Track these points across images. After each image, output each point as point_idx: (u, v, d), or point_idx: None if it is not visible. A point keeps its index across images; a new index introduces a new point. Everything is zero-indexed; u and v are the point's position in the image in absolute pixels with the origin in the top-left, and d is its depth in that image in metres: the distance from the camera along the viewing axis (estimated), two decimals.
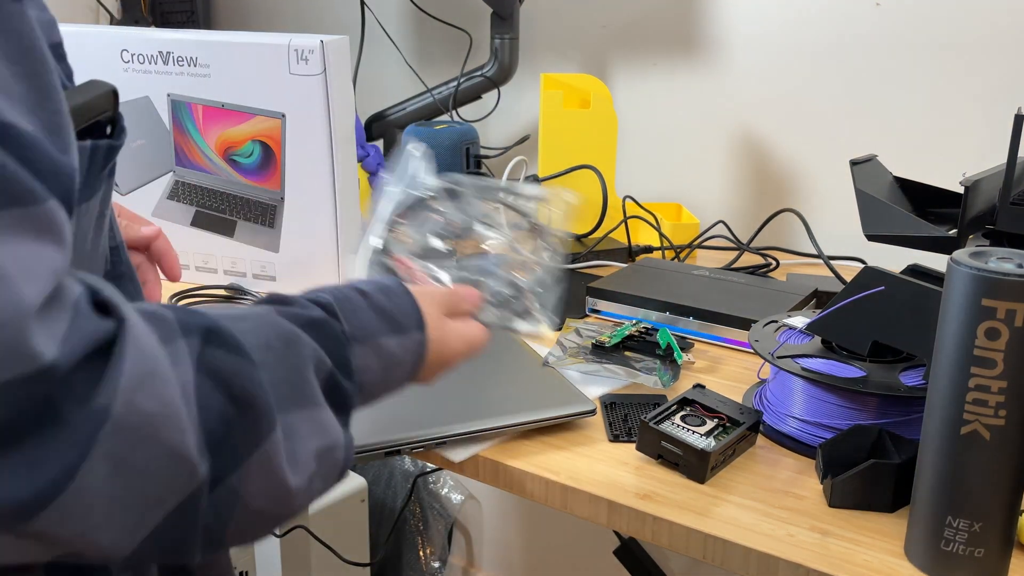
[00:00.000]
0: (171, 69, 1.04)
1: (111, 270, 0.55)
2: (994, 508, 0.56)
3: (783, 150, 1.34)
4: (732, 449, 0.71)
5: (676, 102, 1.41)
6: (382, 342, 0.55)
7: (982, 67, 1.17)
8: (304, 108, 1.00)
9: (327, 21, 1.73)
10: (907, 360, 0.73)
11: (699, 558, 0.64)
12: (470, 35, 1.53)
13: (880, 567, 0.60)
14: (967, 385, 0.54)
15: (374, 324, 0.55)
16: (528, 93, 1.53)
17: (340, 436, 0.50)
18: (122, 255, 0.57)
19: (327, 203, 1.03)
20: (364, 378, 0.54)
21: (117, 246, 0.56)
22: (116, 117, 0.50)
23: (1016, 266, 0.53)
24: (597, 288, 1.03)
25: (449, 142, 1.30)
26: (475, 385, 0.81)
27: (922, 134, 1.23)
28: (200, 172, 1.08)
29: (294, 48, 0.98)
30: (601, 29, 1.45)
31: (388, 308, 0.56)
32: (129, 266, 0.58)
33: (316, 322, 0.51)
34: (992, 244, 0.82)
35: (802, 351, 0.76)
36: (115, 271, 0.56)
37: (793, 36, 1.29)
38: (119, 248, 0.57)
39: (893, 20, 1.21)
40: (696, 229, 1.28)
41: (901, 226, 0.84)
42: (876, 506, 0.65)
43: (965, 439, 0.55)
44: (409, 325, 0.57)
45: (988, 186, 0.83)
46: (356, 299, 0.55)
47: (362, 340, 0.54)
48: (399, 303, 0.58)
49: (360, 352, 0.53)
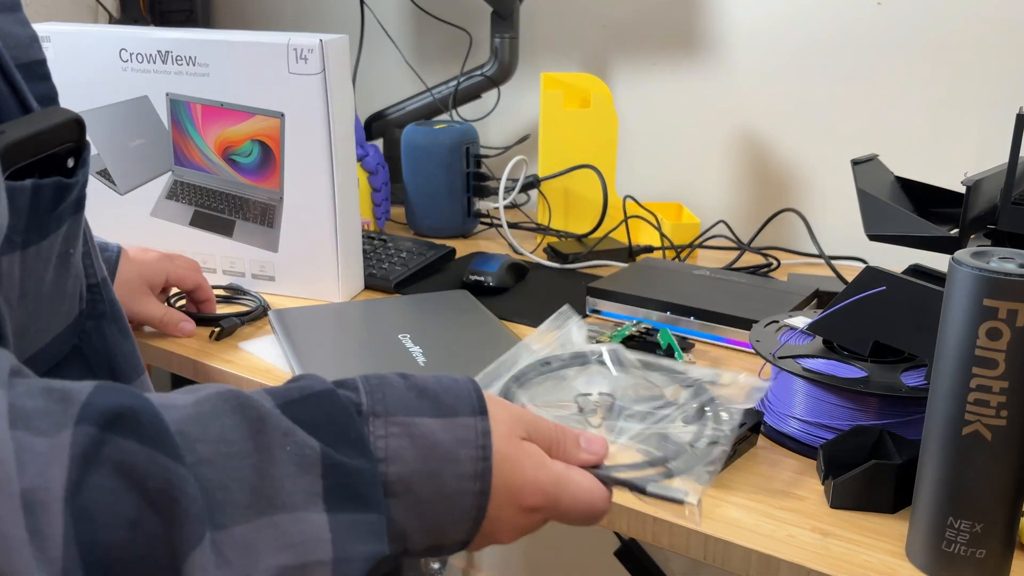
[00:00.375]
0: (170, 68, 1.04)
1: (89, 309, 0.51)
2: (995, 509, 0.56)
3: (784, 149, 1.33)
4: (733, 450, 0.71)
5: (676, 102, 1.41)
6: (416, 420, 0.41)
7: (982, 67, 1.17)
8: (303, 107, 1.00)
9: (327, 20, 1.72)
10: (908, 360, 0.73)
11: (700, 559, 0.64)
12: (470, 34, 1.53)
13: (881, 568, 0.60)
14: (968, 385, 0.54)
15: (408, 402, 0.42)
16: (528, 93, 1.53)
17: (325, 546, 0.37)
18: (103, 293, 0.52)
19: (326, 203, 1.03)
20: (394, 468, 0.40)
21: (98, 284, 0.52)
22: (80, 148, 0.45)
23: (1018, 266, 0.52)
24: (597, 288, 1.03)
25: (449, 142, 1.30)
26: None
27: (923, 134, 1.23)
28: (199, 172, 1.08)
29: (293, 47, 0.98)
30: (601, 29, 1.45)
31: (433, 388, 0.43)
32: (113, 304, 0.53)
33: (316, 395, 0.41)
34: (994, 244, 0.82)
35: (803, 351, 0.76)
36: (95, 310, 0.51)
37: (794, 36, 1.29)
38: (100, 286, 0.52)
39: (893, 20, 1.21)
40: (696, 229, 1.28)
41: (902, 226, 0.84)
42: (877, 507, 0.65)
43: (966, 439, 0.55)
44: (459, 409, 0.43)
45: (989, 186, 0.83)
46: (392, 377, 0.44)
47: (385, 414, 0.41)
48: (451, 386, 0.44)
49: (383, 429, 0.41)
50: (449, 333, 0.92)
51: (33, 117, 0.42)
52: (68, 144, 0.44)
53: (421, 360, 0.85)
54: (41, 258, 0.43)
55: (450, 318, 0.97)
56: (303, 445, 0.38)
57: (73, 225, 0.46)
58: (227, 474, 0.36)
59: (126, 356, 0.54)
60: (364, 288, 1.12)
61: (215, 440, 0.37)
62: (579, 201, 1.35)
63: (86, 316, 0.51)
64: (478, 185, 1.34)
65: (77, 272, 0.49)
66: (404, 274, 1.12)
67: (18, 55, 0.44)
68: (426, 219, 1.34)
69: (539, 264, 1.22)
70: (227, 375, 0.89)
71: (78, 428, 0.33)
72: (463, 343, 0.90)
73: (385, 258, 1.17)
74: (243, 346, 0.94)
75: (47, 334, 0.46)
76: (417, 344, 0.89)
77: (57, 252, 0.45)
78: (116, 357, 0.53)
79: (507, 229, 1.29)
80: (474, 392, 0.44)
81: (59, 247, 0.45)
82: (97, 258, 0.53)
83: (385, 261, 1.16)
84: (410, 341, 0.90)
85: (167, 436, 0.35)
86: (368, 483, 0.39)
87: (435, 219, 1.34)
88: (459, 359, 0.86)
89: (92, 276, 0.52)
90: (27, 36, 0.45)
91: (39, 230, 0.42)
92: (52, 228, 0.43)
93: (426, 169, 1.31)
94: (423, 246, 1.20)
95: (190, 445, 0.36)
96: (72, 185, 0.44)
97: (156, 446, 0.34)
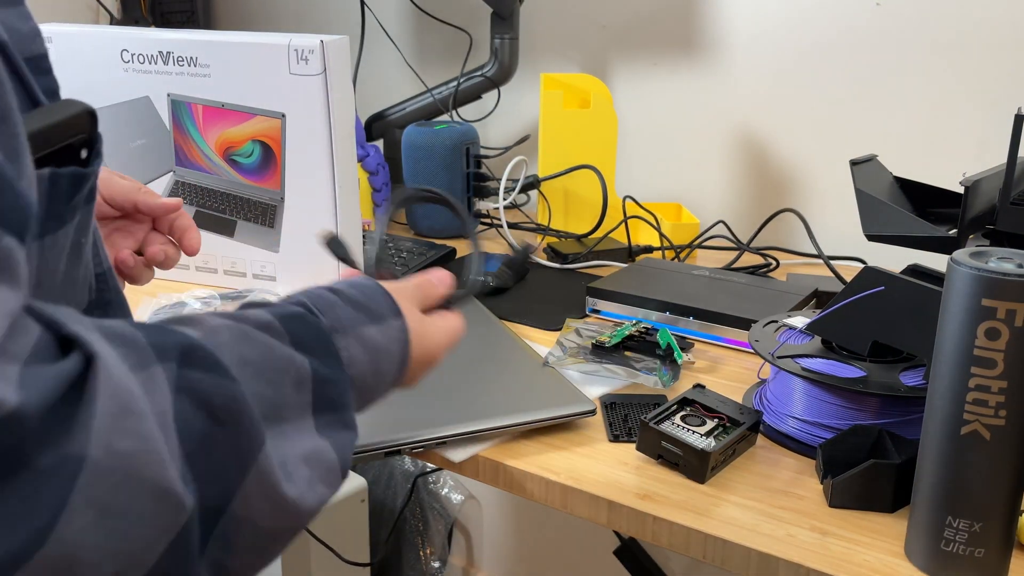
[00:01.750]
0: (171, 69, 1.04)
1: (97, 298, 0.53)
2: (994, 508, 0.56)
3: (783, 150, 1.34)
4: (732, 449, 0.71)
5: (676, 102, 1.41)
6: (363, 331, 0.54)
7: (982, 67, 1.17)
8: (304, 108, 1.00)
9: (327, 21, 1.73)
10: (907, 360, 0.73)
11: (699, 558, 0.64)
12: (470, 35, 1.53)
13: (880, 567, 0.60)
14: (967, 385, 0.54)
15: (352, 315, 0.54)
16: (528, 93, 1.53)
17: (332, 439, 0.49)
18: (109, 282, 0.54)
19: (327, 203, 1.03)
20: (354, 371, 0.52)
21: (104, 272, 0.54)
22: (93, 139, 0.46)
23: (1016, 266, 0.53)
24: (597, 288, 1.03)
25: (449, 142, 1.31)
26: (475, 385, 0.81)
27: (922, 134, 1.23)
28: (200, 172, 1.08)
29: (294, 48, 0.98)
30: (601, 29, 1.45)
31: (362, 300, 0.55)
32: (118, 292, 0.56)
33: (295, 316, 0.50)
34: (992, 244, 0.82)
35: (802, 351, 0.76)
36: (102, 298, 0.54)
37: (793, 36, 1.29)
38: (106, 275, 0.54)
39: (893, 20, 1.21)
40: (696, 229, 1.28)
41: (901, 226, 0.84)
42: (876, 506, 0.65)
43: (965, 439, 0.55)
44: (385, 314, 0.56)
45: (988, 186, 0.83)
46: (328, 296, 0.54)
47: (343, 331, 0.52)
48: (371, 295, 0.57)
49: (344, 343, 0.52)
50: None
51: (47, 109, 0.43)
52: (81, 136, 0.45)
53: None
54: (57, 247, 0.44)
55: None
56: (300, 368, 0.48)
57: (85, 215, 0.47)
58: (253, 390, 0.44)
59: None
60: None
61: (240, 363, 0.44)
62: (579, 201, 1.35)
63: (95, 305, 0.52)
64: (478, 185, 1.34)
65: (87, 262, 0.50)
66: (404, 274, 1.12)
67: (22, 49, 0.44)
68: (426, 219, 1.34)
69: (539, 264, 1.22)
70: None
71: (165, 365, 0.39)
72: (463, 343, 0.90)
73: (385, 258, 1.17)
74: None
75: None
76: None
77: (71, 242, 0.46)
78: None
79: (507, 229, 1.30)
80: (386, 296, 0.57)
81: (72, 237, 0.46)
82: (102, 247, 0.54)
83: (385, 261, 1.16)
84: None
85: (220, 363, 0.42)
86: (342, 388, 0.50)
87: (435, 219, 1.34)
88: (459, 359, 0.86)
89: (99, 265, 0.53)
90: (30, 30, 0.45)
91: (56, 219, 0.44)
92: (67, 218, 0.45)
93: (426, 169, 1.31)
94: (423, 246, 1.21)
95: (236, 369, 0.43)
96: (88, 175, 0.45)
97: (219, 373, 0.42)
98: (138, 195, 0.77)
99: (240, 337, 0.46)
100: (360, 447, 0.71)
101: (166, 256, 0.77)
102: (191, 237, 0.79)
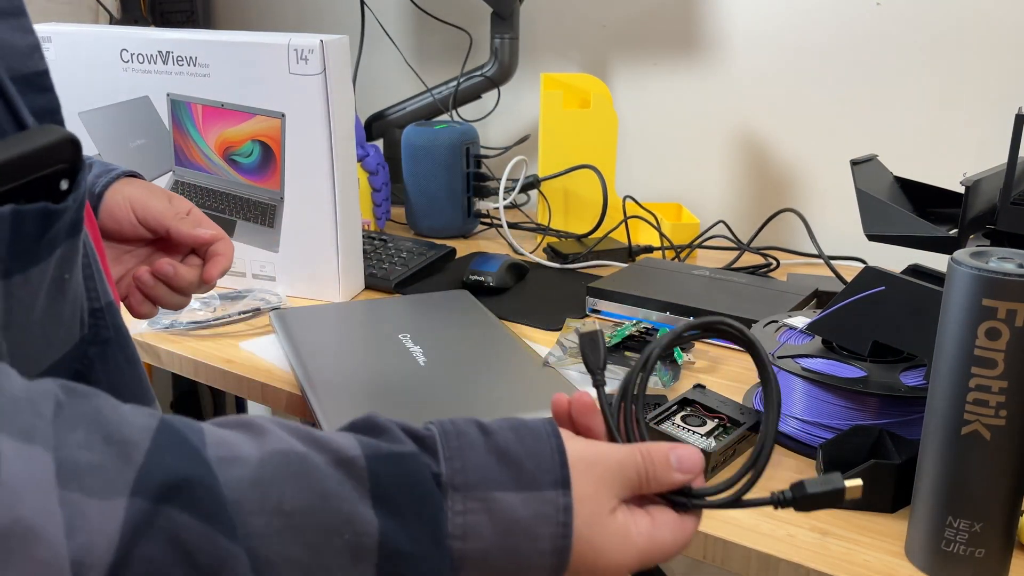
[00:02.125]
0: (171, 69, 1.04)
1: (91, 334, 0.48)
2: (995, 508, 0.56)
3: (783, 150, 1.34)
4: (732, 449, 0.71)
5: (676, 102, 1.41)
6: (497, 496, 0.40)
7: (982, 67, 1.17)
8: (304, 108, 1.00)
9: (327, 21, 1.73)
10: (907, 360, 0.73)
11: (699, 558, 0.64)
12: (470, 35, 1.53)
13: (880, 567, 0.60)
14: (968, 385, 0.54)
15: (491, 469, 0.40)
16: (528, 93, 1.53)
17: None
18: (108, 318, 0.49)
19: (327, 203, 1.03)
20: (468, 547, 0.39)
21: (101, 308, 0.49)
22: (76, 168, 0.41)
23: (1017, 266, 0.53)
24: (597, 288, 1.03)
25: (449, 142, 1.30)
26: (475, 385, 0.81)
27: (922, 134, 1.23)
28: (200, 172, 1.08)
29: (294, 48, 0.98)
30: (601, 29, 1.45)
31: (516, 452, 0.41)
32: (119, 330, 0.50)
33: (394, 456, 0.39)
34: (993, 244, 0.82)
35: (802, 351, 0.76)
36: (99, 336, 0.48)
37: (793, 36, 1.29)
38: (104, 310, 0.49)
39: (893, 20, 1.21)
40: (696, 229, 1.28)
41: (902, 226, 0.84)
42: (876, 506, 0.65)
43: (966, 439, 0.55)
44: (542, 480, 0.41)
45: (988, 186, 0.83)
46: (471, 434, 0.41)
47: (466, 489, 0.39)
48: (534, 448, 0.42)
49: (462, 505, 0.39)
50: (449, 333, 0.92)
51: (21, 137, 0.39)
52: (60, 166, 0.40)
53: (421, 360, 0.85)
54: (30, 286, 0.40)
55: (450, 318, 0.97)
56: (362, 533, 0.37)
57: (68, 249, 0.42)
58: (278, 552, 0.35)
59: (131, 386, 0.50)
60: (364, 288, 1.12)
61: (271, 511, 0.36)
62: (579, 201, 1.35)
63: (88, 342, 0.47)
64: (478, 185, 1.34)
65: (76, 296, 0.46)
66: (404, 274, 1.12)
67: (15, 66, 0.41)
68: (426, 219, 1.34)
69: (539, 264, 1.22)
70: (227, 375, 0.89)
71: (133, 500, 0.32)
72: (463, 343, 0.90)
73: (385, 258, 1.17)
74: (243, 346, 0.94)
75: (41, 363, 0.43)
76: (417, 344, 0.89)
77: (51, 278, 0.42)
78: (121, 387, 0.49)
79: (507, 229, 1.30)
80: (557, 454, 0.42)
81: (52, 273, 0.42)
82: (102, 280, 0.49)
83: (385, 261, 1.16)
84: (410, 341, 0.90)
85: (222, 509, 0.34)
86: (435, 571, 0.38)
87: (435, 219, 1.34)
88: (459, 359, 0.86)
89: (96, 300, 0.48)
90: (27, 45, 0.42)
91: (26, 257, 0.39)
92: (44, 255, 0.40)
93: (426, 169, 1.31)
94: (423, 246, 1.21)
95: (244, 518, 0.35)
96: (61, 211, 0.40)
97: (210, 520, 0.34)
98: (172, 221, 0.72)
99: (294, 473, 0.37)
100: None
101: (175, 271, 0.71)
102: (213, 264, 0.74)
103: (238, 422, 0.39)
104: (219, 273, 0.74)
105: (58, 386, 0.36)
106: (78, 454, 0.33)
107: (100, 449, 0.33)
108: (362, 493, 0.37)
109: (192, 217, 0.75)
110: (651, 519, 0.44)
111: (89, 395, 0.36)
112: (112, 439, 0.34)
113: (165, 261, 0.71)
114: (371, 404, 0.77)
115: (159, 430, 0.35)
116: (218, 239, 0.74)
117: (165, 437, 0.35)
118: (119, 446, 0.34)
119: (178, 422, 0.37)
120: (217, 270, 0.73)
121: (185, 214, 0.74)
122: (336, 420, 0.74)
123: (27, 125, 0.40)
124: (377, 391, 0.80)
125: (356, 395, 0.79)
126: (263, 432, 0.38)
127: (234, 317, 0.99)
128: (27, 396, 0.34)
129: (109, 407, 0.36)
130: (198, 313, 1.01)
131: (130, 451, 0.34)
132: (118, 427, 0.35)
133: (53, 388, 0.35)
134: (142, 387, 0.51)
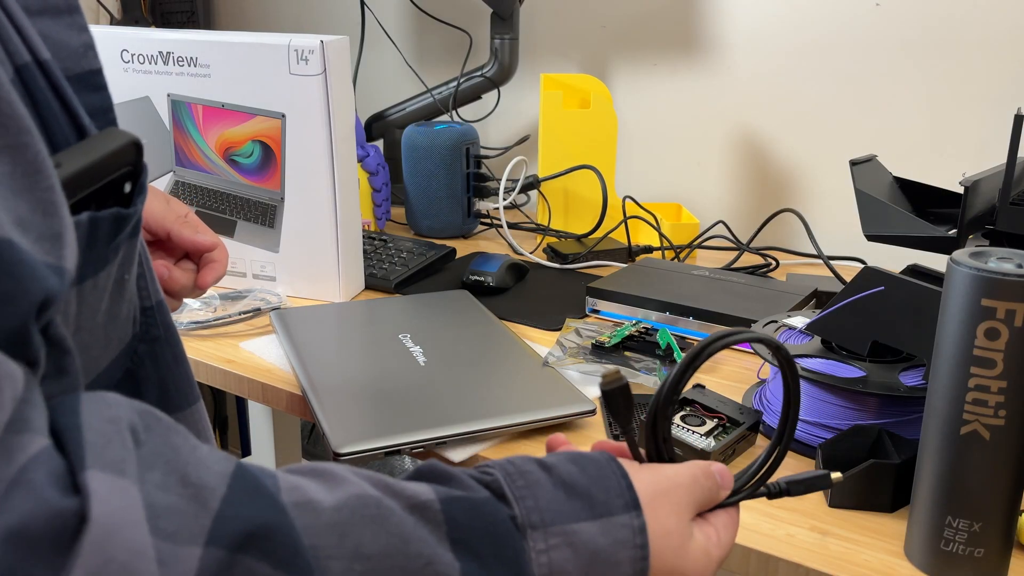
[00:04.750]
0: (171, 69, 1.04)
1: (142, 331, 0.48)
2: (994, 508, 0.56)
3: (783, 150, 1.34)
4: (732, 449, 0.71)
5: (676, 102, 1.41)
6: (575, 528, 0.40)
7: (982, 67, 1.17)
8: (304, 108, 1.00)
9: (327, 21, 1.73)
10: (907, 360, 0.73)
11: None
12: (470, 35, 1.53)
13: (880, 567, 0.60)
14: (967, 385, 0.54)
15: (562, 504, 0.41)
16: (528, 93, 1.53)
17: None
18: (157, 316, 0.49)
19: (327, 203, 1.03)
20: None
21: (152, 307, 0.49)
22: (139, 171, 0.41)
23: (1016, 266, 0.53)
24: (597, 288, 1.03)
25: (449, 142, 1.31)
26: (475, 385, 0.81)
27: (922, 134, 1.23)
28: (200, 172, 1.08)
29: (294, 48, 0.98)
30: (601, 29, 1.45)
31: (582, 484, 0.42)
32: (168, 328, 0.50)
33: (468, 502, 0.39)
34: (992, 244, 0.82)
35: (802, 351, 0.76)
36: (148, 334, 0.49)
37: (793, 36, 1.29)
38: (154, 309, 0.49)
39: (893, 20, 1.21)
40: (696, 229, 1.28)
41: (901, 226, 0.84)
42: (876, 506, 0.65)
43: (965, 439, 0.55)
44: (614, 505, 0.41)
45: (988, 186, 0.83)
46: (534, 472, 0.42)
47: (543, 527, 0.40)
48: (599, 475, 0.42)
49: (543, 543, 0.39)
50: (449, 333, 0.93)
51: (89, 144, 0.39)
52: (125, 169, 0.40)
53: (421, 360, 0.86)
54: (98, 290, 0.41)
55: (450, 318, 0.97)
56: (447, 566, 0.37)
57: (129, 250, 0.43)
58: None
59: (179, 383, 0.50)
60: (364, 288, 1.12)
61: (349, 556, 0.35)
62: (579, 201, 1.35)
63: (139, 339, 0.48)
64: (478, 185, 1.34)
65: (131, 296, 0.46)
66: (404, 274, 1.12)
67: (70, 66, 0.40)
68: (426, 219, 1.34)
69: (539, 264, 1.22)
70: (228, 375, 0.89)
71: (208, 550, 0.32)
72: (463, 343, 0.90)
73: (385, 258, 1.17)
74: (244, 346, 0.94)
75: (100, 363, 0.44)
76: (417, 344, 0.89)
77: (114, 279, 0.42)
78: (168, 384, 0.49)
79: (507, 229, 1.30)
80: (622, 478, 0.43)
81: (115, 274, 0.42)
82: (153, 280, 0.49)
83: (385, 261, 1.16)
84: (410, 341, 0.90)
85: (299, 555, 0.34)
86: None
87: (435, 219, 1.34)
88: (459, 359, 0.86)
89: (147, 299, 0.48)
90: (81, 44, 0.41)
91: (96, 263, 0.40)
92: (110, 259, 0.41)
93: (426, 170, 1.32)
94: (423, 246, 1.21)
95: (322, 563, 0.35)
96: (131, 215, 0.40)
97: (287, 568, 0.33)
98: (172, 224, 0.72)
99: (371, 517, 0.37)
100: (360, 448, 0.71)
101: (170, 274, 0.71)
102: (208, 270, 0.73)
103: (311, 469, 0.39)
104: (213, 280, 0.73)
105: (135, 412, 0.35)
106: (156, 495, 0.32)
107: (177, 491, 0.33)
108: (439, 537, 0.37)
109: (192, 222, 0.75)
110: (714, 527, 0.47)
111: (165, 428, 0.36)
112: (189, 481, 0.33)
113: (160, 263, 0.71)
114: (371, 404, 0.77)
115: (235, 475, 0.35)
116: (216, 246, 0.74)
117: (241, 483, 0.35)
118: (196, 489, 0.33)
119: (254, 467, 0.37)
120: (212, 277, 0.73)
121: (183, 217, 0.74)
122: (336, 420, 0.74)
123: (83, 125, 0.40)
124: (377, 391, 0.80)
125: (356, 395, 0.79)
126: (335, 477, 0.38)
127: (234, 317, 0.99)
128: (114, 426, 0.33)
129: (188, 447, 0.35)
130: (198, 313, 1.01)
131: (207, 497, 0.33)
132: (196, 469, 0.34)
133: (129, 415, 0.35)
134: (189, 384, 0.52)
